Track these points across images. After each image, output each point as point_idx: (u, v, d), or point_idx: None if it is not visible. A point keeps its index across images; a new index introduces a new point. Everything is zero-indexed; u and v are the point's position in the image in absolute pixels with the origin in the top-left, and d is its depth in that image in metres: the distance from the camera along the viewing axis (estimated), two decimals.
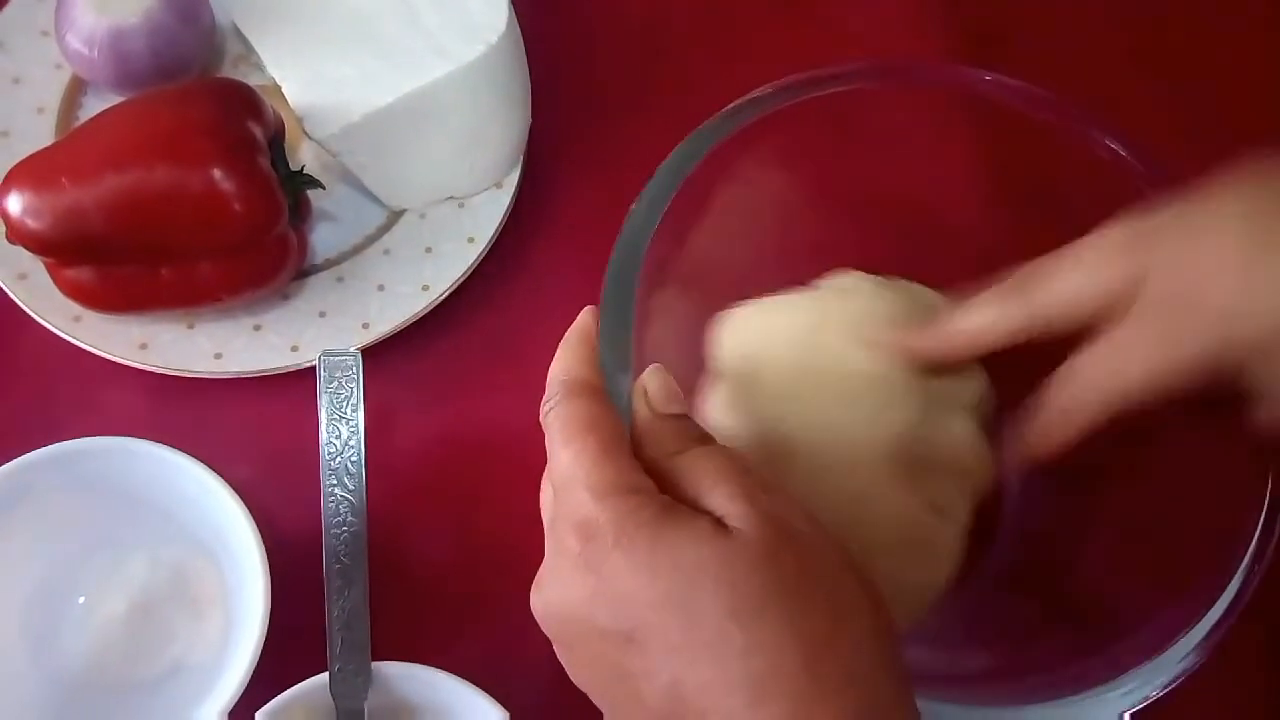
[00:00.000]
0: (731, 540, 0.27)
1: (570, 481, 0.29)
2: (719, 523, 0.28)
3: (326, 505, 0.39)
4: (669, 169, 0.38)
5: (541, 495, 0.33)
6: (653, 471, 0.29)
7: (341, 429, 0.38)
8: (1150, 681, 0.35)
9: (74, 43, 0.49)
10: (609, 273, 0.37)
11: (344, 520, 0.39)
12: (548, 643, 0.35)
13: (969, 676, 0.40)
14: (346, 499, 0.39)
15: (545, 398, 0.32)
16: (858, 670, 0.27)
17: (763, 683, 0.26)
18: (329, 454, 0.39)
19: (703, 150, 0.38)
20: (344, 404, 0.38)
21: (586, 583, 0.28)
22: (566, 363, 0.33)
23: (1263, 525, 0.37)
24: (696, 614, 0.26)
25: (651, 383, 0.32)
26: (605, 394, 0.32)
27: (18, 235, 0.44)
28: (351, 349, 0.38)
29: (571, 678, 0.31)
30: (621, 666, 0.27)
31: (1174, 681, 0.35)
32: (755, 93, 0.41)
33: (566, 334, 0.34)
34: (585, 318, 0.34)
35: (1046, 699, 0.36)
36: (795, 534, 0.28)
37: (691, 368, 0.42)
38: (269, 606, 0.40)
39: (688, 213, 0.38)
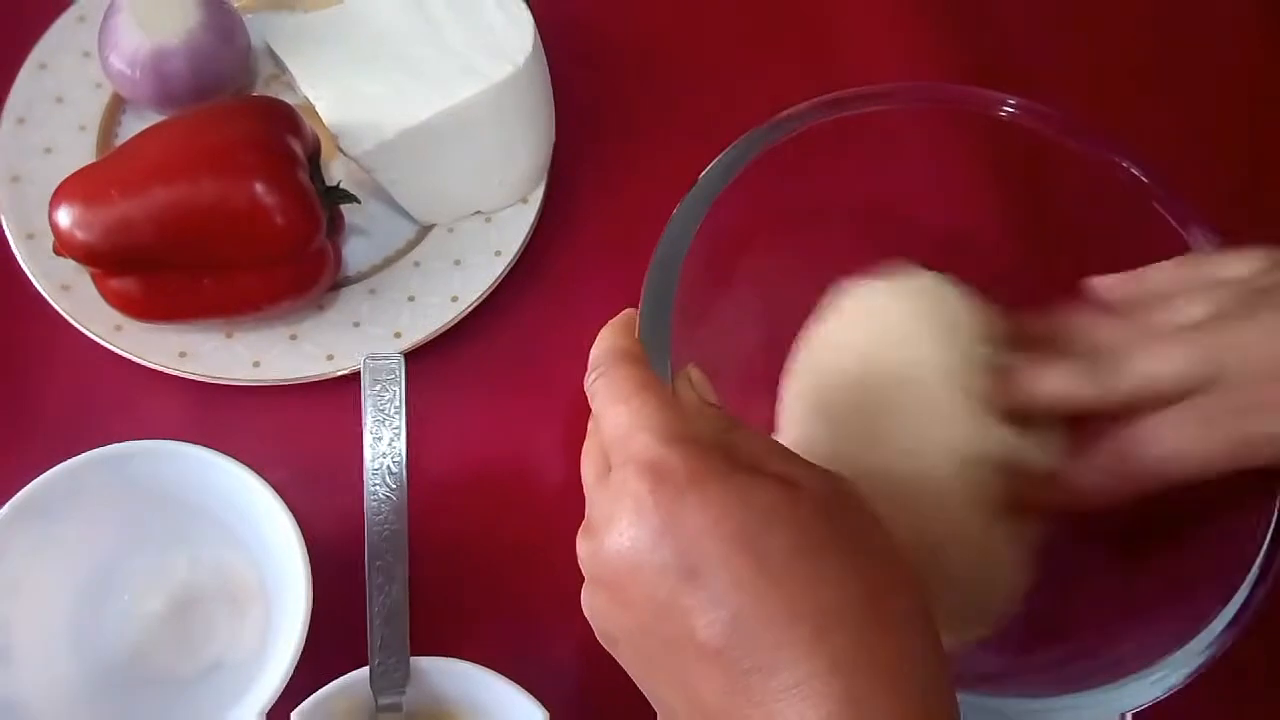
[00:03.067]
0: (800, 491, 0.29)
1: (633, 430, 0.30)
2: (785, 478, 0.29)
3: (369, 505, 0.40)
4: (708, 180, 0.40)
5: (583, 460, 0.34)
6: None
7: (384, 431, 0.40)
8: (1150, 683, 0.36)
9: (117, 63, 0.51)
10: (649, 277, 0.39)
11: (385, 520, 0.40)
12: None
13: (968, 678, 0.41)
14: (389, 499, 0.40)
15: (590, 369, 0.34)
16: (912, 612, 0.28)
17: (829, 614, 0.27)
18: (372, 455, 0.40)
19: (744, 159, 0.40)
20: (387, 407, 0.40)
21: (652, 521, 0.29)
22: (611, 340, 0.34)
23: (1270, 540, 0.38)
24: (766, 551, 0.28)
25: (694, 373, 0.34)
26: (651, 366, 0.33)
27: (67, 247, 0.45)
28: (395, 353, 0.40)
29: (602, 628, 0.32)
30: (677, 603, 0.28)
31: (1174, 687, 0.36)
32: (799, 106, 0.43)
33: (609, 322, 0.35)
34: (627, 311, 0.36)
35: (1043, 695, 0.37)
36: (853, 496, 0.30)
37: (730, 365, 0.43)
38: (310, 604, 0.42)
39: (725, 222, 0.40)
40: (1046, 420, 0.41)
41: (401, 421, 0.40)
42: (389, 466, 0.40)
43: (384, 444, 0.40)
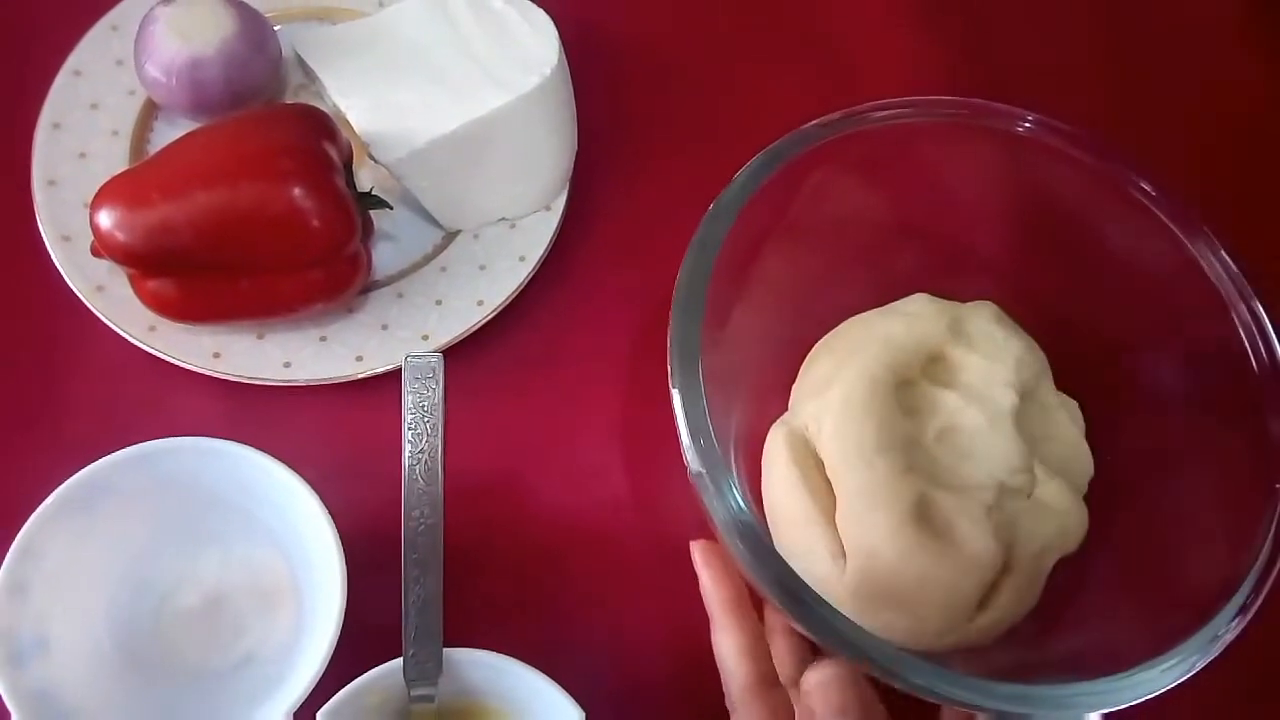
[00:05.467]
0: None
1: None
2: None
3: (407, 498, 0.42)
4: (735, 190, 0.41)
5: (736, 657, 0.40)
6: None
7: (423, 428, 0.41)
8: (1160, 672, 0.38)
9: (153, 71, 0.52)
10: (679, 285, 0.40)
11: (422, 514, 0.41)
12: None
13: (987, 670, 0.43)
14: (425, 493, 0.41)
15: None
16: None
17: None
18: (411, 451, 0.41)
19: (769, 171, 0.42)
20: (425, 404, 0.41)
21: None
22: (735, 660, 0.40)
23: (1272, 538, 0.40)
24: None
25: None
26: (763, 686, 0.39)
27: (107, 248, 0.46)
28: (435, 353, 0.41)
29: None
30: None
31: (1182, 677, 0.38)
32: (820, 120, 0.44)
33: (716, 611, 0.41)
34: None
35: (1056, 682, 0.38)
36: None
37: (750, 365, 0.45)
38: (345, 600, 0.43)
39: (748, 230, 0.42)
40: None
41: (440, 419, 0.41)
42: (426, 462, 0.41)
43: (423, 440, 0.41)
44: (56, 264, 0.51)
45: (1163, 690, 0.37)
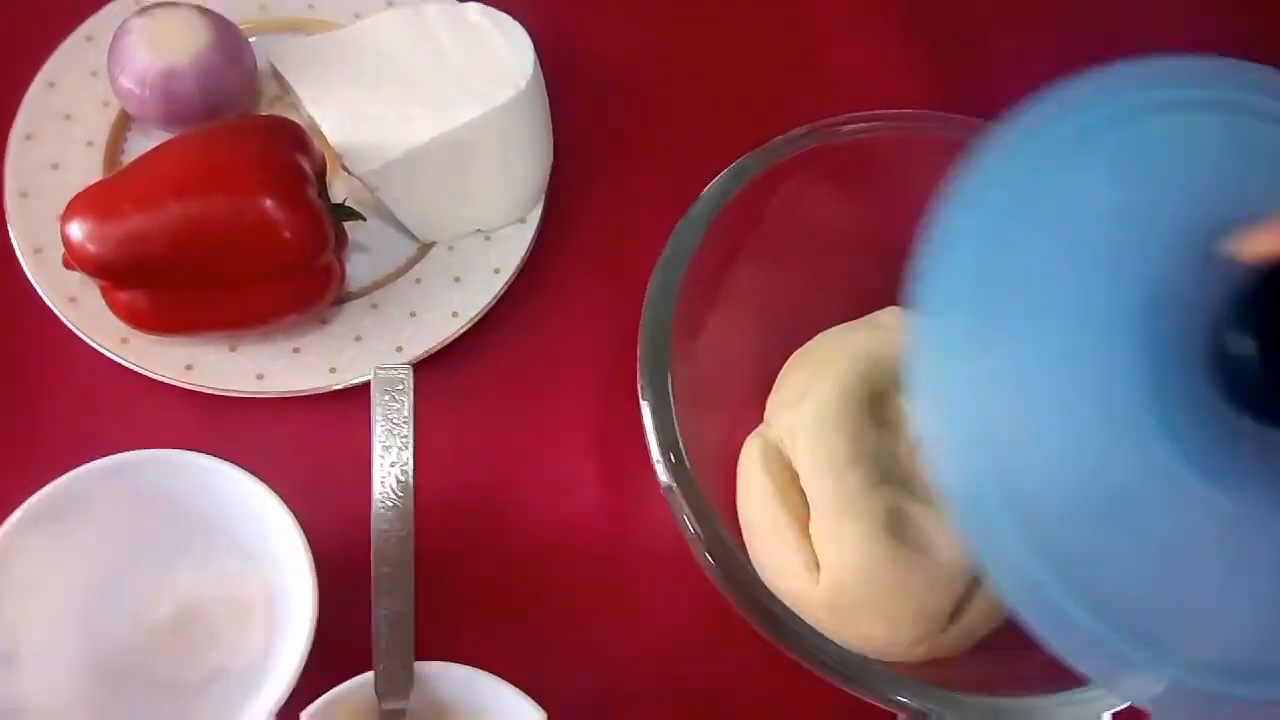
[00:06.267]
0: None
1: None
2: None
3: (377, 513, 0.41)
4: (705, 202, 0.42)
5: None
6: None
7: (393, 441, 0.41)
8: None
9: (126, 82, 0.52)
10: (649, 298, 0.40)
11: (393, 528, 0.41)
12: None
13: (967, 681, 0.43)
14: (396, 507, 0.41)
15: None
16: None
17: None
18: (381, 465, 0.41)
19: (739, 183, 0.42)
20: (395, 416, 0.41)
21: None
22: None
23: None
24: None
25: None
26: None
27: (78, 259, 0.46)
28: (404, 365, 0.41)
29: None
30: None
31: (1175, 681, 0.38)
32: (790, 132, 0.44)
33: None
34: None
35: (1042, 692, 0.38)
36: None
37: (723, 376, 0.45)
38: (316, 612, 0.42)
39: (719, 242, 0.42)
40: None
41: (410, 431, 0.41)
42: (397, 475, 0.41)
43: (393, 453, 0.41)
44: (28, 275, 0.50)
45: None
